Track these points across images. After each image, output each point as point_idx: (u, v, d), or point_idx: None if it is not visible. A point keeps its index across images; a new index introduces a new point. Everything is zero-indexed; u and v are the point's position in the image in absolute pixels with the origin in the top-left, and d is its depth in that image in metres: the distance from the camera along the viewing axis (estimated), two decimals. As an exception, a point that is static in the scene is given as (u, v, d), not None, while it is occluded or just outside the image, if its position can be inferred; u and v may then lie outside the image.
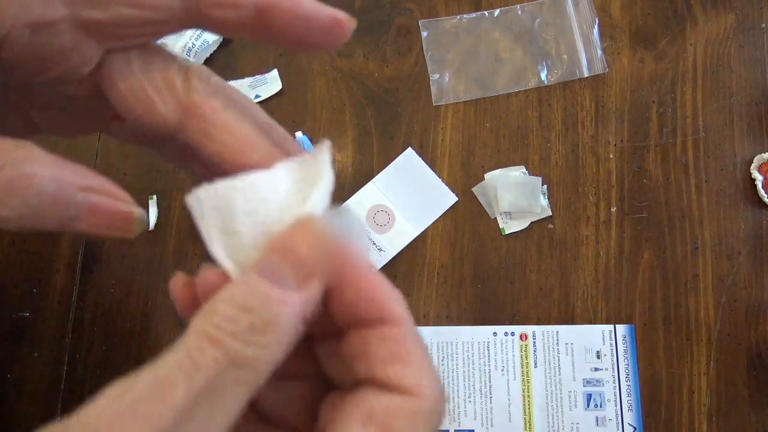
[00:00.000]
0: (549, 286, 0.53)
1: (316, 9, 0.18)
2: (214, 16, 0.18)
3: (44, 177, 0.16)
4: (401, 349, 0.17)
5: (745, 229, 0.53)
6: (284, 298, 0.16)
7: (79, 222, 0.17)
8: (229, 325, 0.15)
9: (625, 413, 0.50)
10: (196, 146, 0.19)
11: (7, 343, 0.53)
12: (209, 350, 0.15)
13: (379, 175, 0.55)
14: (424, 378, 0.17)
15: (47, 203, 0.16)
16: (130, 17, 0.17)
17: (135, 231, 0.18)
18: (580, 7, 0.58)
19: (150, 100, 0.18)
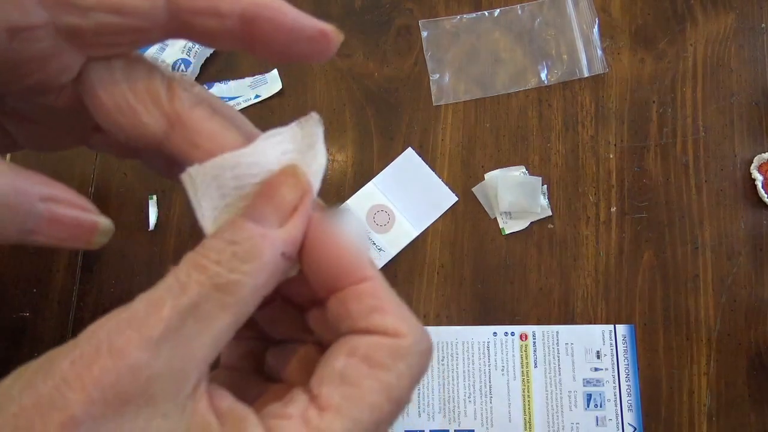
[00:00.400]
0: (549, 286, 0.53)
1: (301, 20, 0.18)
2: (197, 25, 0.18)
3: (3, 187, 0.16)
4: (376, 302, 0.18)
5: (745, 229, 0.53)
6: (265, 233, 0.17)
7: (38, 234, 0.17)
8: (215, 255, 0.16)
9: (625, 413, 0.50)
10: (182, 156, 0.18)
11: (7, 343, 0.53)
12: (195, 274, 0.16)
13: (379, 175, 0.55)
14: (404, 322, 0.18)
15: (6, 215, 0.16)
16: (111, 24, 0.17)
17: (98, 242, 0.18)
18: (580, 7, 0.58)
19: (134, 110, 0.18)
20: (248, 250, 0.17)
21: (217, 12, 0.17)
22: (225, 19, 0.18)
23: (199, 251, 0.17)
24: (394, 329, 0.18)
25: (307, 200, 0.18)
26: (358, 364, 0.17)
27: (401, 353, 0.17)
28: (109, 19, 0.17)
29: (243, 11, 0.18)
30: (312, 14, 0.19)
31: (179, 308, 0.15)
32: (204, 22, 0.18)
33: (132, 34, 0.17)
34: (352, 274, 0.18)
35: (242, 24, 0.18)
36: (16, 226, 0.16)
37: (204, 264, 0.16)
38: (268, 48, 0.19)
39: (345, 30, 0.64)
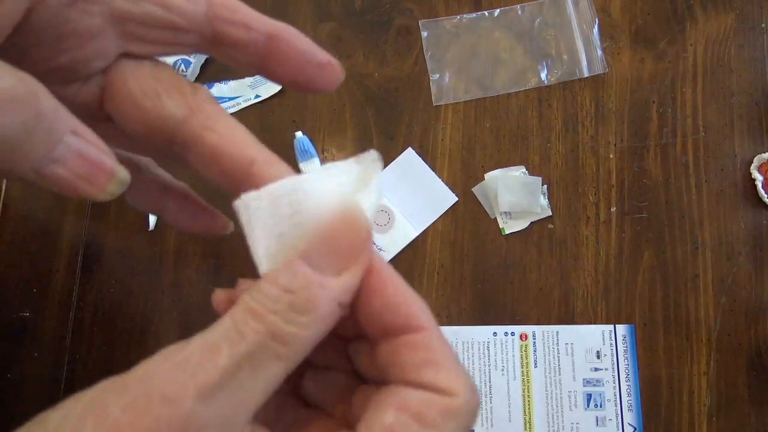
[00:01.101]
0: (549, 286, 0.53)
1: (314, 47, 0.20)
2: (228, 34, 0.19)
3: (46, 102, 0.16)
4: (431, 355, 0.17)
5: (745, 229, 0.53)
6: (323, 282, 0.17)
7: (60, 165, 0.17)
8: (271, 303, 0.16)
9: (625, 413, 0.50)
10: (196, 140, 0.19)
11: (7, 343, 0.53)
12: (252, 323, 0.16)
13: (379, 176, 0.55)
14: (457, 380, 0.17)
15: (40, 136, 0.16)
16: (157, 16, 0.18)
17: (112, 191, 0.18)
18: (580, 7, 0.58)
19: (158, 94, 0.19)
20: (305, 301, 0.16)
21: (248, 25, 0.19)
22: (253, 32, 0.20)
23: (257, 297, 0.16)
24: (447, 387, 0.17)
25: (368, 246, 0.18)
26: (409, 421, 0.17)
27: (453, 413, 0.17)
28: (156, 11, 0.18)
29: (269, 29, 0.20)
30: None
31: (236, 357, 0.15)
32: (235, 32, 0.19)
33: (171, 32, 0.19)
34: (407, 322, 0.18)
35: (266, 40, 0.20)
36: (45, 150, 0.16)
37: (261, 313, 0.16)
38: (283, 67, 0.20)
39: (345, 30, 0.64)
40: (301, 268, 0.17)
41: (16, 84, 0.15)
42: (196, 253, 0.54)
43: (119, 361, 0.53)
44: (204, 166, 0.19)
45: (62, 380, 0.53)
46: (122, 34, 0.19)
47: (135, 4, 0.18)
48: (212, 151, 0.19)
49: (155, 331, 0.53)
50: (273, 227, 0.18)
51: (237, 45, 0.20)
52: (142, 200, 0.24)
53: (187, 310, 0.53)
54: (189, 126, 0.19)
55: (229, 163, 0.19)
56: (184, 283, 0.54)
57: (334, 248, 0.17)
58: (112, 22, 0.18)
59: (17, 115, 0.15)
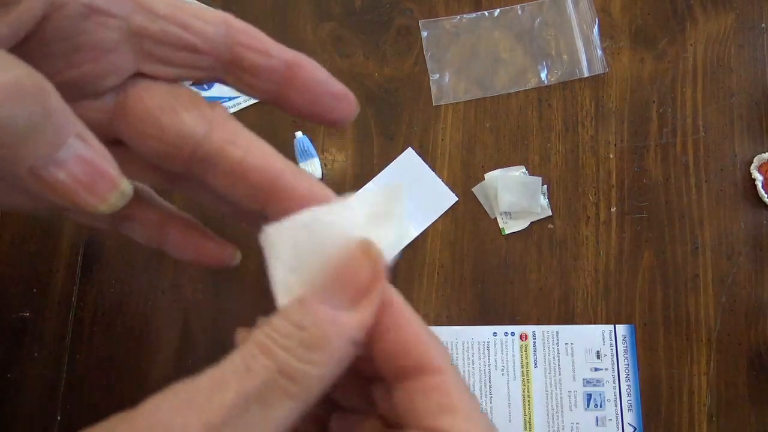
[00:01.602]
0: (549, 286, 0.53)
1: (331, 78, 0.20)
2: (247, 59, 0.19)
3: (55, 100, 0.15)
4: (446, 399, 0.17)
5: (745, 229, 0.53)
6: (335, 318, 0.16)
7: (62, 168, 0.16)
8: (282, 339, 0.16)
9: (625, 413, 0.50)
10: (219, 155, 0.18)
11: (7, 343, 0.53)
12: (261, 359, 0.15)
13: (379, 175, 0.55)
14: (474, 425, 0.17)
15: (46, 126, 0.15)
16: (175, 36, 0.18)
17: (113, 203, 0.17)
18: (580, 7, 0.58)
19: (176, 111, 0.18)
20: (317, 338, 0.16)
21: (267, 51, 0.19)
22: (273, 59, 0.19)
23: (267, 332, 0.16)
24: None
25: (381, 284, 0.17)
26: None
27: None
28: (175, 30, 0.18)
29: (287, 58, 0.19)
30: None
31: (244, 394, 0.15)
32: (254, 57, 0.19)
33: (188, 54, 0.18)
34: (422, 364, 0.17)
35: (285, 67, 0.19)
36: (48, 149, 0.15)
37: (271, 349, 0.16)
38: (300, 95, 0.20)
39: (345, 30, 0.64)
40: (313, 304, 0.16)
41: (25, 76, 0.14)
42: (196, 253, 0.54)
43: (119, 361, 0.53)
44: (228, 182, 0.19)
45: (62, 380, 0.53)
46: (138, 52, 0.18)
47: (153, 21, 0.18)
48: (237, 166, 0.18)
49: (155, 331, 0.53)
50: (291, 260, 0.18)
51: (255, 70, 0.19)
52: (144, 232, 0.23)
53: (187, 310, 0.53)
54: (210, 141, 0.18)
55: (255, 176, 0.18)
56: (184, 283, 0.54)
57: (346, 284, 0.17)
58: (128, 38, 0.18)
59: (24, 107, 0.14)
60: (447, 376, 0.17)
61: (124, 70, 0.18)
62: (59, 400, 0.52)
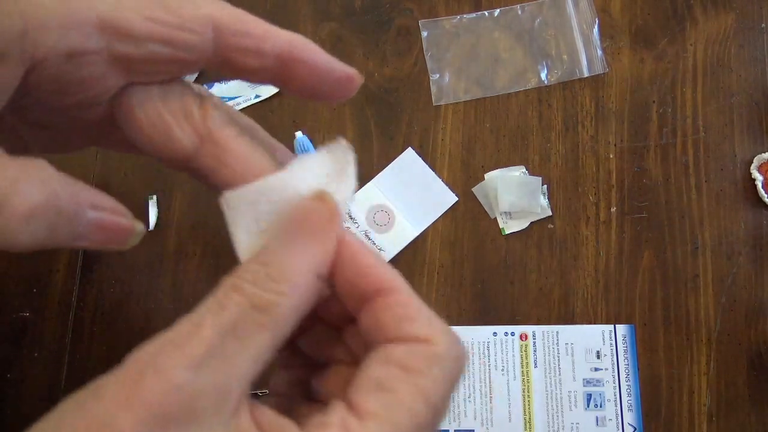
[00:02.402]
0: (549, 286, 0.53)
1: (332, 63, 0.20)
2: (239, 62, 0.19)
3: (64, 194, 0.16)
4: (407, 311, 0.19)
5: (745, 229, 0.53)
6: (295, 252, 0.18)
7: (85, 239, 0.17)
8: (250, 276, 0.17)
9: (625, 413, 0.50)
10: (209, 172, 0.19)
11: (7, 343, 0.53)
12: (233, 295, 0.17)
13: (379, 175, 0.55)
14: (435, 329, 0.18)
15: (61, 222, 0.16)
16: (161, 54, 0.18)
17: (131, 243, 0.19)
18: (580, 7, 0.58)
19: (167, 126, 0.19)
20: (281, 270, 0.17)
21: (258, 51, 0.19)
22: (264, 59, 0.19)
23: (236, 274, 0.17)
24: (425, 336, 0.18)
25: (335, 222, 0.19)
26: (394, 371, 0.17)
27: (435, 359, 0.18)
28: (160, 49, 0.18)
29: (283, 49, 0.19)
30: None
31: (219, 327, 0.16)
32: (244, 60, 0.19)
33: (178, 65, 0.19)
34: (379, 286, 0.19)
35: (280, 63, 0.19)
36: (69, 231, 0.17)
37: (240, 285, 0.17)
38: (301, 85, 0.20)
39: (345, 30, 0.64)
40: (275, 244, 0.18)
41: (38, 193, 0.15)
42: (196, 253, 0.54)
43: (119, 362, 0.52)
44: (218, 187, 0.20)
45: (62, 380, 0.53)
46: (125, 72, 0.18)
47: (136, 46, 0.18)
48: (227, 184, 0.19)
49: (155, 331, 0.53)
50: (253, 224, 0.19)
51: (249, 71, 0.19)
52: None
53: (187, 310, 0.53)
54: (201, 158, 0.19)
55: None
56: (184, 283, 0.54)
57: (304, 225, 0.19)
58: (113, 64, 0.18)
59: (41, 223, 0.16)
60: (402, 293, 0.19)
61: (115, 87, 0.19)
62: (59, 400, 0.52)
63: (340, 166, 0.20)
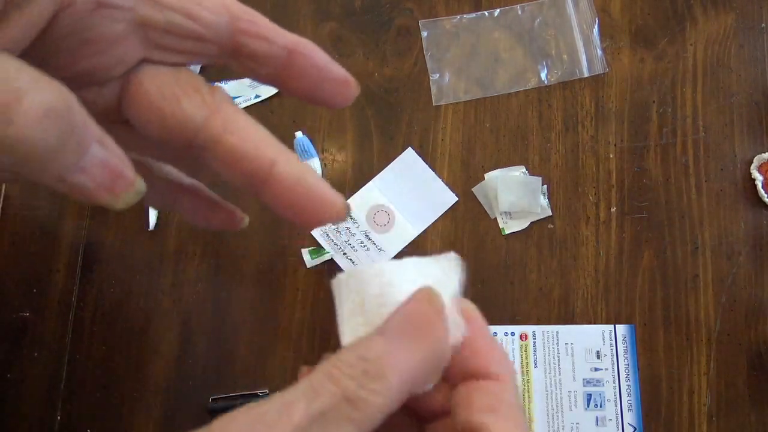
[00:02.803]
0: (549, 286, 0.53)
1: (332, 64, 0.21)
2: (249, 46, 0.20)
3: (78, 114, 0.16)
4: (498, 403, 0.19)
5: (745, 229, 0.53)
6: (393, 351, 0.18)
7: (86, 174, 0.17)
8: (347, 369, 0.18)
9: (625, 413, 0.50)
10: (216, 142, 0.19)
11: (7, 343, 0.53)
12: (329, 385, 0.17)
13: (379, 175, 0.55)
14: (512, 426, 0.19)
15: (72, 140, 0.16)
16: (180, 26, 0.19)
17: (128, 199, 0.18)
18: (580, 7, 0.58)
19: (176, 96, 0.19)
20: (377, 368, 0.18)
21: (269, 38, 0.20)
22: (273, 46, 0.20)
23: (335, 363, 0.18)
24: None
25: (439, 325, 0.20)
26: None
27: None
28: (180, 20, 0.19)
29: (288, 44, 0.20)
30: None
31: (310, 414, 0.17)
32: (256, 45, 0.20)
33: (193, 42, 0.19)
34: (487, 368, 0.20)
35: (286, 54, 0.20)
36: (74, 159, 0.17)
37: (337, 376, 0.17)
38: (301, 81, 0.21)
39: (345, 30, 0.64)
40: (377, 340, 0.19)
41: (55, 97, 0.15)
42: (196, 253, 0.54)
43: (119, 361, 0.53)
44: (224, 167, 0.20)
45: (62, 380, 0.53)
46: (144, 41, 0.19)
47: (159, 11, 0.18)
48: (232, 153, 0.19)
49: (155, 331, 0.53)
50: (360, 305, 0.20)
51: (257, 57, 0.20)
52: (157, 199, 0.24)
53: (187, 310, 0.53)
54: (208, 128, 0.19)
55: (249, 164, 0.19)
56: (184, 283, 0.54)
57: (407, 322, 0.19)
58: (135, 29, 0.18)
59: (54, 128, 0.15)
60: (506, 384, 0.19)
61: (131, 59, 0.19)
62: (59, 400, 0.52)
63: (449, 272, 0.21)
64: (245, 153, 0.19)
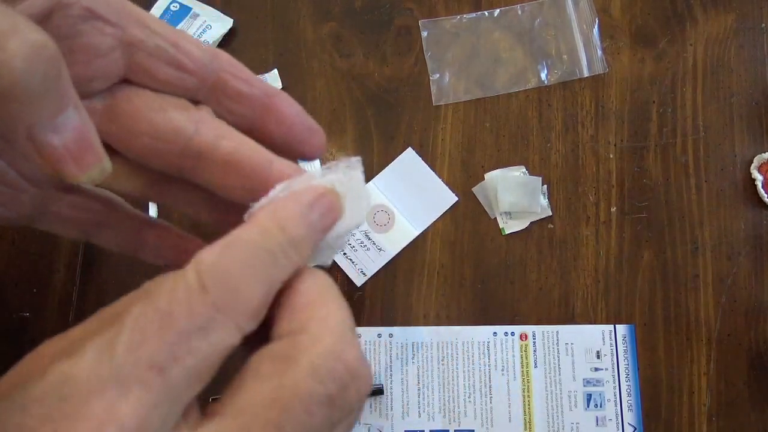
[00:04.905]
0: (549, 286, 0.53)
1: (305, 113, 0.23)
2: (231, 83, 0.21)
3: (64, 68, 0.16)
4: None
5: (745, 229, 0.53)
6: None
7: (57, 135, 0.16)
8: None
9: (625, 413, 0.50)
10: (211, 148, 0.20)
11: (7, 343, 0.53)
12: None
13: (379, 175, 0.55)
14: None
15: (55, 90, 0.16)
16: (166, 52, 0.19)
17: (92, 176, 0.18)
18: (580, 7, 0.58)
19: (165, 109, 0.20)
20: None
21: (249, 81, 0.21)
22: (254, 88, 0.21)
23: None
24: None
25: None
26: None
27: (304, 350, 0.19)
28: (167, 46, 0.19)
29: (268, 90, 0.21)
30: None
31: None
32: (237, 84, 0.21)
33: (175, 71, 0.20)
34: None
35: (265, 96, 0.21)
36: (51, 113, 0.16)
37: None
38: (278, 125, 0.22)
39: (345, 30, 0.64)
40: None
41: (47, 40, 0.15)
42: (196, 253, 0.54)
43: (119, 361, 0.52)
44: (220, 174, 0.20)
45: (62, 380, 0.53)
46: (129, 60, 0.19)
47: (148, 35, 0.19)
48: (230, 157, 0.20)
49: (155, 331, 0.53)
50: None
51: (237, 96, 0.21)
52: (119, 238, 0.24)
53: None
54: (201, 136, 0.20)
55: (248, 165, 0.20)
56: (184, 283, 0.54)
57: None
58: (121, 46, 0.19)
59: (41, 68, 0.15)
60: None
61: (113, 76, 0.19)
62: (59, 400, 0.52)
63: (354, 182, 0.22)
64: (243, 155, 0.20)
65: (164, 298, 0.16)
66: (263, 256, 0.17)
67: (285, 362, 0.16)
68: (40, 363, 0.15)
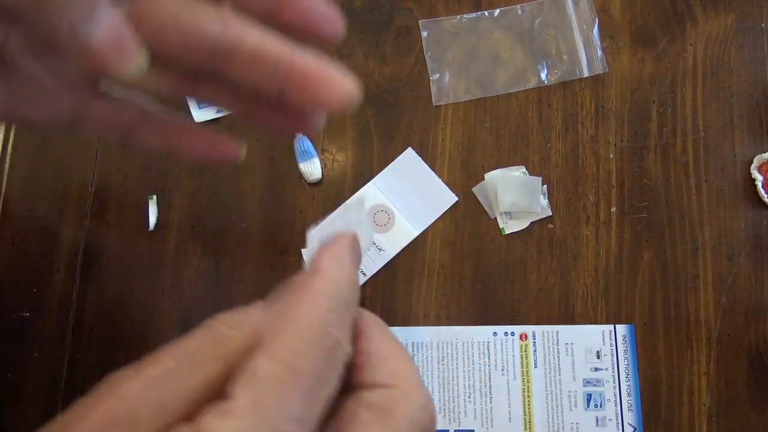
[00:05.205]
0: (549, 286, 0.53)
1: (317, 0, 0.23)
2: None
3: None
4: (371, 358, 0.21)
5: (745, 229, 0.53)
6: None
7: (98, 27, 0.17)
8: None
9: (625, 413, 0.50)
10: (237, 43, 0.20)
11: (7, 343, 0.53)
12: None
13: (379, 175, 0.55)
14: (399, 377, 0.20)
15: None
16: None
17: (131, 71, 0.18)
18: (580, 7, 0.58)
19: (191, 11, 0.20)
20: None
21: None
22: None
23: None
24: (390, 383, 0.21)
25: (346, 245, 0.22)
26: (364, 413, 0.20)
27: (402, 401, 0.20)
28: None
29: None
30: None
31: None
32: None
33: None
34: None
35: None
36: (87, 7, 0.17)
37: None
38: (293, 13, 0.22)
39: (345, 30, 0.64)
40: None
41: None
42: (196, 253, 0.54)
43: (119, 361, 0.52)
44: (248, 67, 0.21)
45: (62, 380, 0.53)
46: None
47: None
48: (255, 51, 0.20)
49: (155, 331, 0.53)
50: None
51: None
52: (156, 140, 0.25)
53: (187, 310, 0.53)
54: (227, 35, 0.20)
55: (272, 58, 0.20)
56: (184, 283, 0.54)
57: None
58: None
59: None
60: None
61: None
62: (59, 400, 0.52)
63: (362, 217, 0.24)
64: (268, 48, 0.20)
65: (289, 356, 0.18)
66: (344, 303, 0.19)
67: (385, 413, 0.18)
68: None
